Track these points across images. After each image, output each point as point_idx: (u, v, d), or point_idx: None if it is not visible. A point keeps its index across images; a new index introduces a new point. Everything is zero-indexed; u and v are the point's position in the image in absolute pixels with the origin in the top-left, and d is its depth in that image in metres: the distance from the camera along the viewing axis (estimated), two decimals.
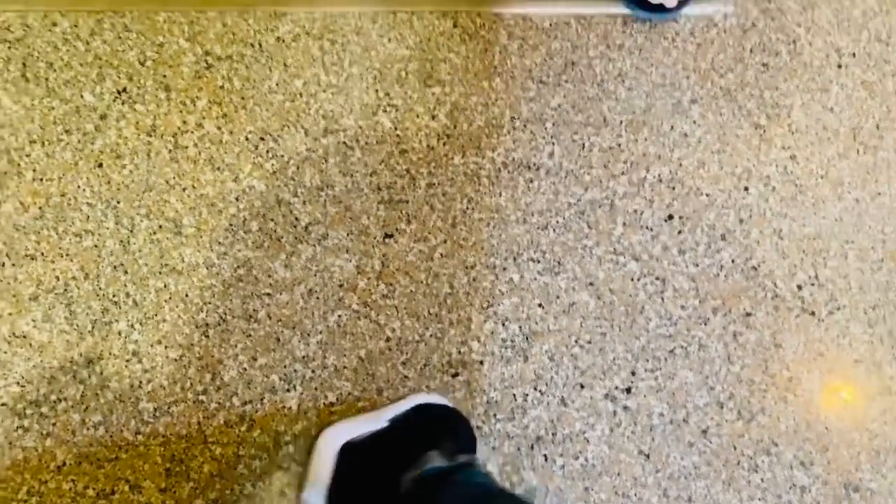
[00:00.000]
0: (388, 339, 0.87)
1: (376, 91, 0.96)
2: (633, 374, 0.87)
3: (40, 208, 0.90)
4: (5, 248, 0.89)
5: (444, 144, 0.94)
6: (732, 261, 0.91)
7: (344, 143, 0.94)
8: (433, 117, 0.95)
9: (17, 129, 0.93)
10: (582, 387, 0.86)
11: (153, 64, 0.95)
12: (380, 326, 0.88)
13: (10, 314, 0.87)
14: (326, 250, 0.90)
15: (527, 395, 0.85)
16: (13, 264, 0.88)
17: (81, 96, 0.94)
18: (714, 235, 0.91)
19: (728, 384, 0.87)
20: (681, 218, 0.92)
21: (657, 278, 0.90)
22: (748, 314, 0.89)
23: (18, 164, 0.91)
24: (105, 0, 0.97)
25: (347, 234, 0.91)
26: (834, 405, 0.87)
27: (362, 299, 0.89)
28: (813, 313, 0.89)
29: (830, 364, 0.88)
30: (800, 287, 0.90)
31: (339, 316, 0.88)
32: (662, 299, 0.89)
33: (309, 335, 0.87)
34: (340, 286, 0.89)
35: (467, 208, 0.92)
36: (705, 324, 0.89)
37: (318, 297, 0.88)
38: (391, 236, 0.91)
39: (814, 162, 0.94)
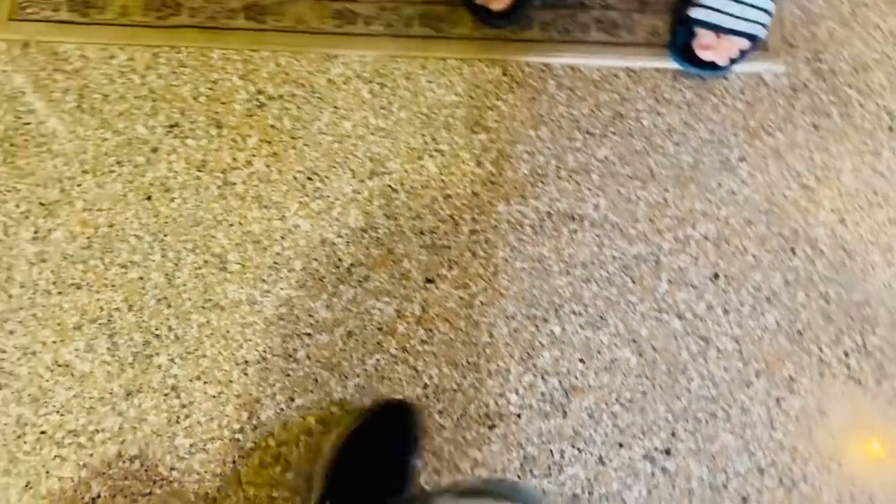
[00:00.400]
0: (425, 387, 0.87)
1: (423, 136, 0.96)
2: (674, 434, 0.85)
3: (88, 238, 0.91)
4: (53, 276, 0.90)
5: (489, 191, 0.94)
6: (777, 324, 0.89)
7: (389, 185, 0.94)
8: (478, 164, 0.95)
9: (70, 158, 0.94)
10: (621, 446, 0.85)
11: (206, 100, 0.97)
12: (417, 373, 0.87)
13: (53, 342, 0.87)
14: (367, 292, 0.90)
15: (564, 451, 0.84)
16: (59, 292, 0.89)
17: (134, 129, 0.96)
18: (759, 297, 0.90)
19: (770, 450, 0.85)
20: (726, 277, 0.91)
21: (701, 338, 0.88)
22: (792, 379, 0.88)
23: (70, 193, 0.93)
24: (162, 35, 0.99)
25: (389, 277, 0.91)
26: (879, 477, 0.85)
27: (401, 344, 0.88)
28: (860, 382, 0.87)
29: (877, 435, 0.86)
30: (846, 354, 0.88)
31: (378, 360, 0.88)
32: (705, 360, 0.88)
33: (347, 378, 0.87)
34: (380, 329, 0.89)
35: (509, 257, 0.92)
36: (748, 387, 0.87)
37: (357, 340, 0.88)
38: (432, 281, 0.91)
39: (863, 226, 0.93)
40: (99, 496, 0.82)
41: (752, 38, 0.95)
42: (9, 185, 0.93)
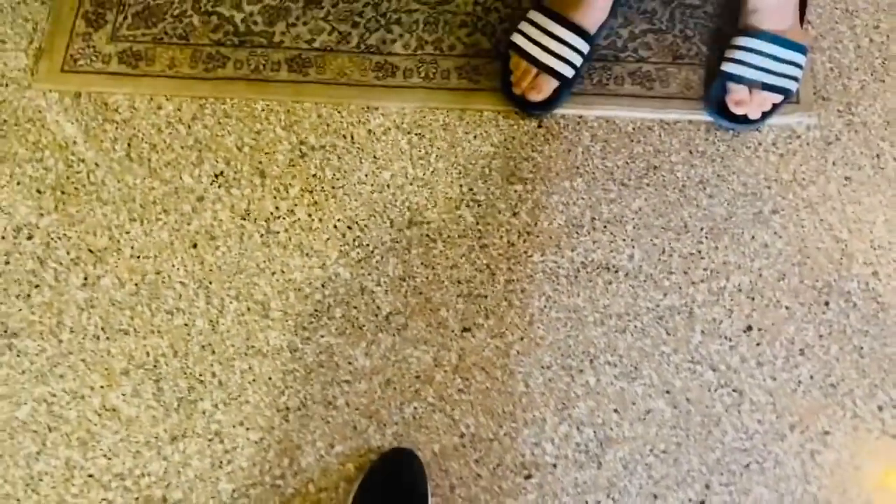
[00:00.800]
0: (461, 435, 0.88)
1: (460, 186, 0.99)
2: (707, 487, 0.86)
3: (136, 285, 0.94)
4: (101, 321, 0.93)
5: (524, 241, 0.96)
6: (811, 377, 0.90)
7: (427, 235, 0.96)
8: (514, 214, 0.97)
9: (119, 206, 0.98)
10: (655, 497, 0.86)
11: (250, 150, 1.00)
12: (454, 422, 0.89)
13: (101, 387, 0.90)
14: (405, 341, 0.92)
15: (599, 502, 0.85)
16: (107, 338, 0.92)
17: (181, 178, 0.99)
18: (793, 350, 0.91)
19: None
20: (760, 330, 0.92)
21: (734, 390, 0.89)
22: (826, 433, 0.88)
23: (118, 241, 0.96)
24: (208, 87, 1.02)
25: (426, 326, 0.93)
26: None
27: (438, 392, 0.90)
28: (894, 437, 0.88)
29: None
30: (880, 408, 0.89)
31: (415, 408, 0.89)
32: (739, 412, 0.89)
33: (385, 426, 0.89)
34: (417, 378, 0.91)
35: (545, 306, 0.93)
36: (782, 440, 0.88)
37: (395, 388, 0.90)
38: (469, 330, 0.93)
39: None
40: None
41: (784, 92, 0.97)
42: (60, 233, 0.96)
